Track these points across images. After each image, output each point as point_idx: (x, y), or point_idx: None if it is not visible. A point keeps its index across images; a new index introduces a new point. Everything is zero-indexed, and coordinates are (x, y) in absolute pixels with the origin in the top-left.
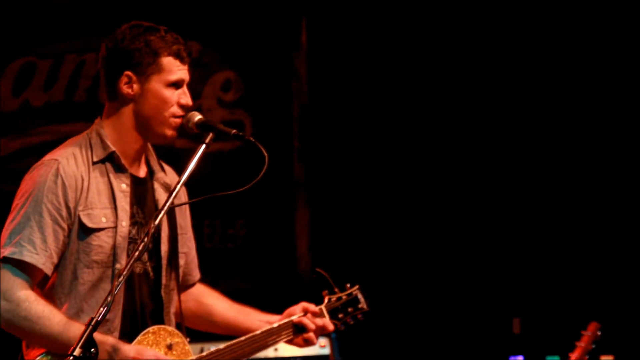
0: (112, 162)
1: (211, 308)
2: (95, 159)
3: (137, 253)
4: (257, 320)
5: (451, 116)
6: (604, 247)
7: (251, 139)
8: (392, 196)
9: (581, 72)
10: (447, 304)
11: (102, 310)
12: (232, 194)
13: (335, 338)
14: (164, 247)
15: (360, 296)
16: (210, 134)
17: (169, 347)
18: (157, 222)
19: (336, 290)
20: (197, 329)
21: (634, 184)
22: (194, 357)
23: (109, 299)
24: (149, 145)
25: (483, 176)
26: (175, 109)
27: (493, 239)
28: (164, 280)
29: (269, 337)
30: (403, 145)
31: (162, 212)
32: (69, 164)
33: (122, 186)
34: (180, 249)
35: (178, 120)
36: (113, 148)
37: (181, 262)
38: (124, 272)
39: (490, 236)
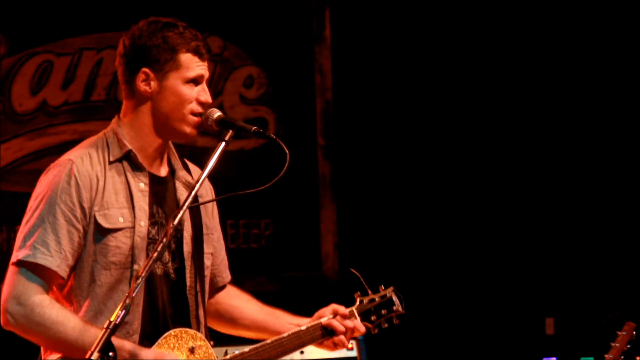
0: (129, 160)
1: (240, 311)
2: (111, 159)
3: (155, 254)
4: (288, 323)
5: (480, 110)
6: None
7: (272, 135)
8: (420, 193)
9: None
10: (479, 305)
11: (121, 313)
12: (253, 192)
13: (363, 340)
14: (187, 248)
15: (395, 298)
16: (230, 131)
17: (191, 350)
18: (175, 222)
19: (369, 292)
20: (227, 333)
21: None
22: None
23: (127, 301)
24: (170, 143)
25: (519, 172)
26: (194, 106)
27: (526, 238)
28: (188, 282)
29: (296, 340)
30: (431, 140)
31: (181, 212)
32: (84, 163)
33: (141, 185)
34: (206, 250)
35: (197, 119)
36: (130, 146)
37: (207, 263)
38: (142, 274)
39: (523, 235)
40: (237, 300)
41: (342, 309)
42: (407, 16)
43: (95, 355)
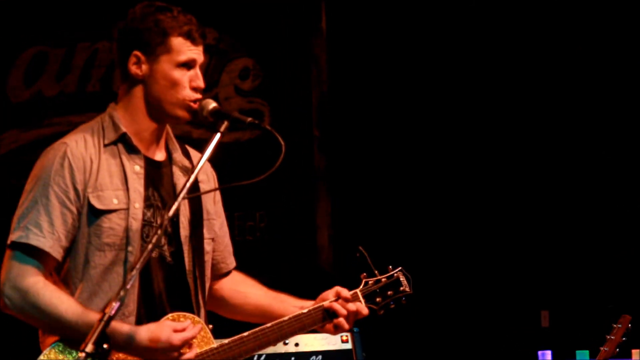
0: (125, 143)
1: (245, 296)
2: (106, 142)
3: (150, 245)
4: (292, 306)
5: (475, 103)
6: (635, 240)
7: (267, 127)
8: (415, 186)
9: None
10: (474, 297)
11: (115, 305)
12: (248, 184)
13: (358, 332)
14: (184, 232)
15: (402, 279)
16: (225, 123)
17: None
18: (170, 213)
19: (376, 272)
20: (232, 318)
21: None
22: (215, 345)
23: (121, 293)
24: (169, 128)
25: (514, 166)
26: (188, 92)
27: (521, 230)
28: (187, 266)
29: (297, 324)
30: (426, 133)
31: (176, 203)
32: (78, 146)
33: (136, 168)
34: (207, 235)
35: (194, 105)
36: (124, 129)
37: (207, 248)
38: (138, 265)
39: (518, 227)
40: (241, 286)
41: (345, 291)
42: (403, 8)
43: (90, 347)
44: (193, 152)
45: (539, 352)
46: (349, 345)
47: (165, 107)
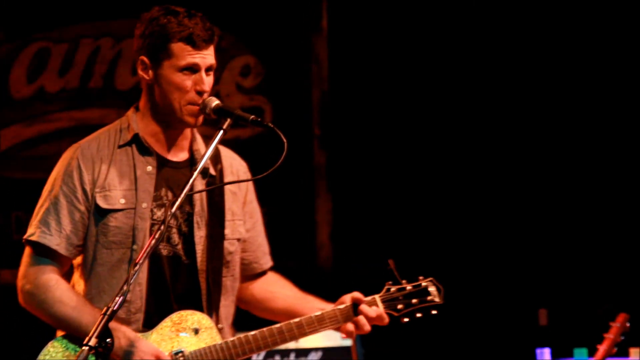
0: (138, 144)
1: (273, 295)
2: (121, 142)
3: (153, 241)
4: (317, 308)
5: (476, 101)
6: (633, 238)
7: (270, 124)
8: (415, 183)
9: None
10: (473, 295)
11: (119, 299)
12: (249, 181)
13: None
14: (200, 232)
15: (432, 288)
16: (228, 120)
17: (196, 331)
18: (173, 209)
19: (402, 281)
20: (261, 316)
21: None
22: (220, 342)
23: (124, 288)
24: (195, 131)
25: (512, 164)
26: (192, 95)
27: (520, 229)
28: (201, 266)
29: (309, 326)
30: (426, 131)
31: (179, 200)
32: (90, 147)
33: (148, 168)
34: (230, 235)
35: (194, 108)
36: (137, 131)
37: (231, 248)
38: (140, 261)
39: (516, 226)
40: (272, 286)
41: (362, 297)
42: (404, 7)
43: (93, 341)
44: (225, 153)
45: (537, 350)
46: (348, 342)
47: (172, 112)
